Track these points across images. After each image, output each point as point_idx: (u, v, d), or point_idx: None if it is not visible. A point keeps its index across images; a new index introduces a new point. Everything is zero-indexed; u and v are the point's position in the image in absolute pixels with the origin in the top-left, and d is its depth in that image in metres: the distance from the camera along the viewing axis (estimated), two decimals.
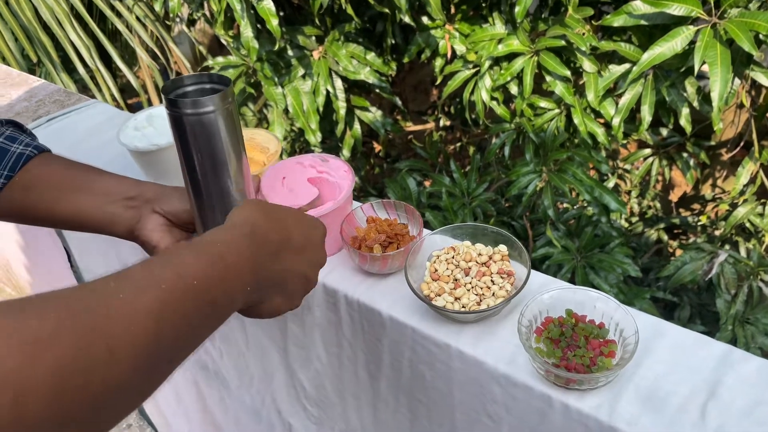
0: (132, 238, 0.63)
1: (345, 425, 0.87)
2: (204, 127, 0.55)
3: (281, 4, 2.16)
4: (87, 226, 0.63)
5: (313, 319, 0.78)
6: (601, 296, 0.62)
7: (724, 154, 2.50)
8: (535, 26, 1.81)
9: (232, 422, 1.12)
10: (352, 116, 2.15)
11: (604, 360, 0.58)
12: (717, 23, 1.39)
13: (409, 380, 0.72)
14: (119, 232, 0.63)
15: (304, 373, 0.86)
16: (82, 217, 0.62)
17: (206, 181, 0.58)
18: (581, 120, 1.75)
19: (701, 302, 2.13)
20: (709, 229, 2.39)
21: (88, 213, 0.62)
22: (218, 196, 0.59)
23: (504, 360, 0.62)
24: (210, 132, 0.55)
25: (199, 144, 0.56)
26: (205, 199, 0.59)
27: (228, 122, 0.56)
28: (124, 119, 0.93)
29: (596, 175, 2.27)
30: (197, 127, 0.55)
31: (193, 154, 0.57)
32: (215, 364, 1.04)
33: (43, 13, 2.20)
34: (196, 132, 0.55)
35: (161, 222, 0.62)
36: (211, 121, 0.55)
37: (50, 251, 1.40)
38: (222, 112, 0.55)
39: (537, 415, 0.61)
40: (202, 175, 0.58)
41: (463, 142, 2.73)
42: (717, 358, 0.58)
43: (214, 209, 0.60)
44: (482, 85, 1.86)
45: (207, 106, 0.54)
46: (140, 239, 0.62)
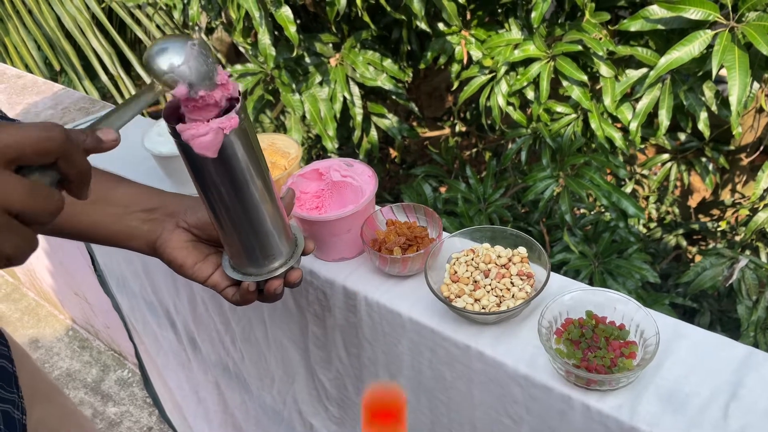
0: (154, 254, 0.59)
1: None
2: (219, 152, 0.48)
3: (298, 12, 2.19)
4: (103, 239, 0.59)
5: (334, 320, 0.79)
6: (622, 298, 0.63)
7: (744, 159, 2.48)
8: (551, 31, 1.82)
9: (253, 423, 1.13)
10: (369, 122, 2.16)
11: (624, 361, 0.58)
12: (735, 27, 1.39)
13: (429, 381, 0.73)
14: (138, 247, 0.59)
15: (324, 373, 0.87)
16: (98, 230, 0.58)
17: (230, 214, 0.52)
18: (598, 125, 1.74)
19: (721, 308, 2.10)
20: (729, 234, 2.36)
21: (104, 225, 0.58)
22: (247, 224, 0.53)
23: (524, 361, 0.62)
24: (226, 157, 0.48)
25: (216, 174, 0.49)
26: (230, 228, 0.54)
27: (245, 142, 0.49)
28: (148, 125, 0.96)
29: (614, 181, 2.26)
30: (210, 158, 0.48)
31: (210, 188, 0.51)
32: (236, 366, 1.05)
33: (66, 22, 2.25)
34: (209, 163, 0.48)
35: (186, 238, 0.58)
36: (225, 146, 0.48)
37: (74, 256, 1.43)
38: (236, 133, 0.48)
39: (557, 415, 0.61)
40: (224, 206, 0.52)
41: (479, 148, 2.73)
42: (738, 360, 0.58)
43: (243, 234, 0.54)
44: (498, 91, 1.86)
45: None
46: (164, 257, 0.58)
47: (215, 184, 0.50)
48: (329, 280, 0.76)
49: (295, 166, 0.83)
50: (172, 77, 0.44)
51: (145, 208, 0.58)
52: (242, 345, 0.99)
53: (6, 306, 2.16)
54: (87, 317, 1.86)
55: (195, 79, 0.44)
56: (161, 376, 1.40)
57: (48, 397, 0.74)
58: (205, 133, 0.46)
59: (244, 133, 0.49)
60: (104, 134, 0.41)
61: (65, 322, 2.06)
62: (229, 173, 0.50)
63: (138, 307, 1.25)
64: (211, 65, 0.45)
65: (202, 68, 0.44)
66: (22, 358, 0.71)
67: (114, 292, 1.31)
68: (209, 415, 1.27)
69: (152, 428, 1.70)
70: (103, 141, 0.41)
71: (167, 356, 1.29)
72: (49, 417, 0.72)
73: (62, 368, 1.91)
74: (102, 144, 0.41)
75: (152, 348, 1.34)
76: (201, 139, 0.46)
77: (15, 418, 0.62)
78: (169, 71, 0.44)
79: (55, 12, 2.25)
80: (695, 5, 1.41)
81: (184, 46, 0.44)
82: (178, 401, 1.39)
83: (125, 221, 0.58)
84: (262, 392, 1.03)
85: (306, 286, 0.79)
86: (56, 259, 1.65)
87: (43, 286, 1.98)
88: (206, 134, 0.46)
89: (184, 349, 1.19)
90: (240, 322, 0.96)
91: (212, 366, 1.13)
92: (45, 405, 0.72)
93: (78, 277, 1.59)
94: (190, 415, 1.37)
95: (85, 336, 2.00)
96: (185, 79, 0.44)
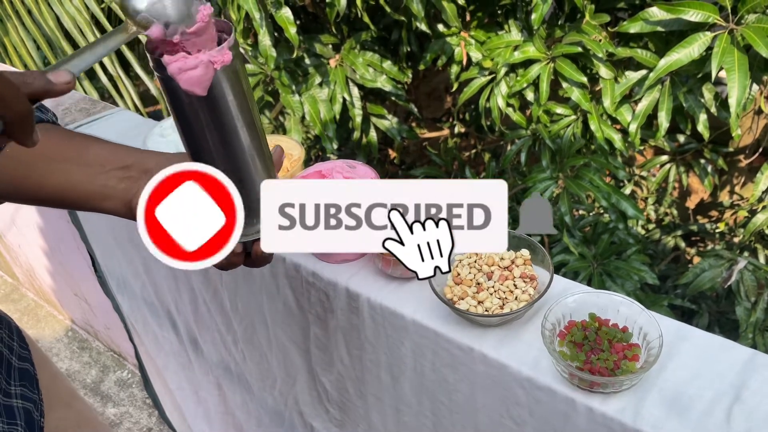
0: (130, 214, 0.54)
1: (367, 427, 0.88)
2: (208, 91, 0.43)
3: (297, 13, 2.19)
4: (76, 201, 0.55)
5: (336, 322, 0.79)
6: (625, 300, 0.63)
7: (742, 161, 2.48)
8: (551, 33, 1.82)
9: (254, 424, 1.13)
10: (368, 123, 2.16)
11: (627, 363, 0.58)
12: (734, 29, 1.39)
13: (432, 383, 0.73)
14: (113, 207, 0.54)
15: (326, 375, 0.87)
16: (70, 191, 0.54)
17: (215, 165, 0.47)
18: (598, 126, 1.75)
19: (720, 310, 2.11)
20: (727, 236, 2.37)
21: (75, 185, 0.54)
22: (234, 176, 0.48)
23: (527, 363, 0.63)
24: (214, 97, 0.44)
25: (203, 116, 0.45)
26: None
27: (236, 83, 0.44)
28: (150, 126, 0.96)
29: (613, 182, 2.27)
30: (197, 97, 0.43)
31: (195, 133, 0.46)
32: (238, 366, 1.05)
33: (65, 22, 2.24)
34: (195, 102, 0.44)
35: None
36: (214, 84, 0.43)
37: (74, 256, 1.42)
38: (227, 71, 0.43)
39: (561, 418, 0.61)
40: (209, 156, 0.47)
41: (478, 149, 2.73)
42: (741, 363, 0.59)
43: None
44: (498, 92, 1.86)
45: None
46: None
47: (201, 129, 0.46)
48: (332, 282, 0.76)
49: (297, 167, 0.83)
50: (146, 17, 0.40)
51: (120, 165, 0.54)
52: (244, 346, 0.99)
53: (5, 306, 2.15)
54: (86, 318, 1.86)
55: (172, 16, 0.40)
56: (161, 376, 1.40)
57: (66, 402, 0.74)
58: (194, 66, 0.42)
59: (236, 75, 0.44)
60: (55, 76, 0.38)
61: (65, 322, 2.06)
62: (218, 116, 0.45)
63: (138, 308, 1.25)
64: (191, 1, 0.41)
65: (180, 4, 0.40)
66: (43, 363, 0.71)
67: (114, 293, 1.31)
68: (210, 416, 1.27)
69: (152, 429, 1.70)
70: (53, 83, 0.37)
71: (167, 357, 1.29)
72: (66, 422, 0.72)
73: (61, 369, 1.91)
74: (53, 86, 0.38)
75: (152, 349, 1.34)
76: (189, 73, 0.42)
77: (35, 419, 0.62)
78: (143, 9, 0.40)
79: (54, 12, 2.25)
80: (695, 7, 1.41)
81: None
82: (178, 402, 1.39)
83: (100, 180, 0.53)
84: (264, 393, 1.03)
85: (308, 288, 0.79)
86: (56, 260, 1.64)
87: (42, 286, 1.98)
88: (195, 68, 0.42)
89: (185, 350, 1.19)
90: (242, 322, 0.96)
91: (214, 366, 1.13)
92: (63, 410, 0.72)
93: (78, 277, 1.59)
94: (190, 416, 1.37)
95: (85, 337, 1.99)
96: (161, 17, 0.40)
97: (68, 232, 1.30)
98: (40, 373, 0.68)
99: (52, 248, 1.58)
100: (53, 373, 0.74)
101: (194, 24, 0.42)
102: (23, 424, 0.60)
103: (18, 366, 0.64)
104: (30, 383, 0.65)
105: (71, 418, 0.74)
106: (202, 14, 0.42)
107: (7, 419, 0.58)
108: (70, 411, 0.74)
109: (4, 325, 0.66)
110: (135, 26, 0.41)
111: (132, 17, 0.41)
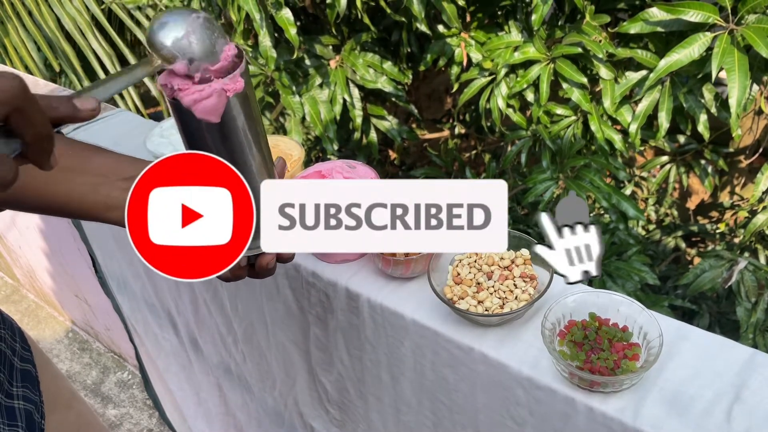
0: None
1: (367, 427, 0.88)
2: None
3: (298, 14, 2.19)
4: (79, 211, 0.55)
5: (336, 322, 0.79)
6: (625, 300, 0.63)
7: (743, 161, 2.48)
8: (551, 33, 1.82)
9: (254, 425, 1.13)
10: (368, 124, 2.17)
11: (628, 363, 0.58)
12: (734, 29, 1.39)
13: (432, 383, 0.73)
14: (117, 218, 0.54)
15: (326, 376, 0.87)
16: (74, 202, 0.54)
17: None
18: (598, 127, 1.75)
19: (720, 310, 2.11)
20: (727, 236, 2.37)
21: (79, 196, 0.54)
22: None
23: (527, 363, 0.63)
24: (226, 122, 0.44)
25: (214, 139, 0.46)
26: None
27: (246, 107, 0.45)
28: (150, 127, 0.96)
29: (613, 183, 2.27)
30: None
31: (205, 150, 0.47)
32: (238, 367, 1.05)
33: (66, 23, 2.25)
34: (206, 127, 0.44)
35: None
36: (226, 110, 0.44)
37: (75, 258, 1.42)
38: (238, 97, 0.44)
39: (561, 417, 0.61)
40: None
41: (479, 150, 2.73)
42: (741, 362, 0.58)
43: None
44: (498, 93, 1.86)
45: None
46: None
47: (210, 150, 0.46)
48: (332, 282, 0.76)
49: (297, 168, 0.84)
50: (171, 52, 0.41)
51: (124, 176, 0.54)
52: (244, 346, 0.99)
53: (6, 308, 2.15)
54: (87, 319, 1.86)
55: (197, 54, 0.41)
56: (161, 377, 1.40)
57: (67, 404, 0.74)
58: (208, 95, 0.43)
59: (246, 98, 0.45)
60: (81, 102, 0.38)
61: (65, 323, 2.06)
62: (228, 139, 0.46)
63: (139, 309, 1.25)
64: (216, 40, 0.42)
65: (206, 43, 0.41)
66: (44, 364, 0.71)
67: (115, 294, 1.31)
68: (210, 417, 1.27)
69: (152, 430, 1.70)
70: (79, 110, 0.38)
71: (168, 358, 1.29)
72: (66, 424, 0.72)
73: (62, 370, 1.90)
74: (78, 113, 0.38)
75: (153, 349, 1.34)
76: (204, 102, 0.43)
77: (35, 421, 0.62)
78: (169, 45, 0.41)
79: (55, 13, 2.25)
80: (694, 8, 1.41)
81: (187, 18, 0.41)
82: (178, 403, 1.39)
83: (104, 191, 0.54)
84: (264, 394, 1.03)
85: (308, 288, 0.79)
86: (56, 261, 1.65)
87: (43, 287, 1.98)
88: (209, 97, 0.43)
89: (185, 351, 1.19)
90: (242, 323, 0.96)
91: (214, 367, 1.13)
92: (64, 412, 0.72)
93: (78, 278, 1.59)
94: (191, 417, 1.37)
95: (85, 338, 1.99)
96: (186, 54, 0.41)
97: (69, 233, 1.30)
98: (41, 374, 0.68)
99: (53, 249, 1.59)
100: (54, 374, 0.74)
101: (218, 62, 0.43)
102: (24, 426, 0.60)
103: (20, 367, 0.65)
104: (32, 385, 0.65)
105: (71, 420, 0.74)
106: (226, 54, 0.43)
107: (8, 420, 0.59)
108: (71, 413, 0.74)
109: (7, 326, 0.66)
110: (160, 60, 0.42)
111: (158, 51, 0.41)
